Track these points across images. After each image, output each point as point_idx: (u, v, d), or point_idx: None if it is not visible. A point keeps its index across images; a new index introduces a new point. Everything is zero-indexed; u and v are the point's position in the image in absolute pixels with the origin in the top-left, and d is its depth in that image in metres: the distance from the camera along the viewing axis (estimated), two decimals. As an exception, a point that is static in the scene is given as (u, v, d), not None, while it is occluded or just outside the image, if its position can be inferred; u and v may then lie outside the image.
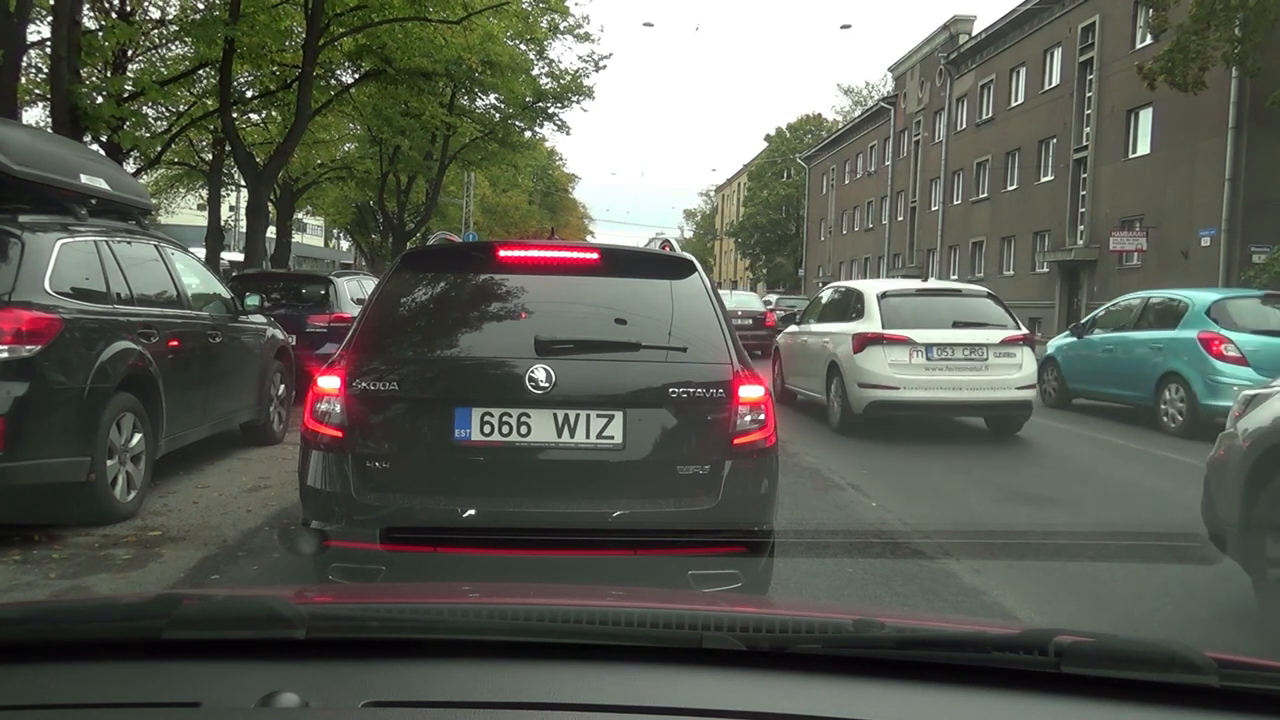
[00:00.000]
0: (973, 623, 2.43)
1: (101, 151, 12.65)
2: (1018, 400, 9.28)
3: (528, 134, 27.91)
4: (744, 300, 23.93)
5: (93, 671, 1.22)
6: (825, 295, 11.87)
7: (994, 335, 9.25)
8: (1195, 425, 9.35)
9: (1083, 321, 13.11)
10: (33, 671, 1.22)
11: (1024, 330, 9.66)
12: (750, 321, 19.98)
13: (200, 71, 18.59)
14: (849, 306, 10.25)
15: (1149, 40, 22.30)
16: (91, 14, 15.89)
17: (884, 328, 9.22)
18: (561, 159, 59.32)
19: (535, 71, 23.54)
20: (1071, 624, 3.77)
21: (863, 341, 9.26)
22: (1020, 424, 9.67)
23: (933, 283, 12.57)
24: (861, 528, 5.68)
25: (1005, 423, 9.72)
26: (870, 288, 10.17)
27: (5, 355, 4.60)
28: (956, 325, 9.32)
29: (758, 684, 1.20)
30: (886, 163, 44.70)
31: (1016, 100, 32.03)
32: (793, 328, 12.33)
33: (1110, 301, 13.19)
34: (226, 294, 7.52)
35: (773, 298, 35.82)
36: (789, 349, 11.97)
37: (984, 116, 34.34)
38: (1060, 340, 13.04)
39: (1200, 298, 10.63)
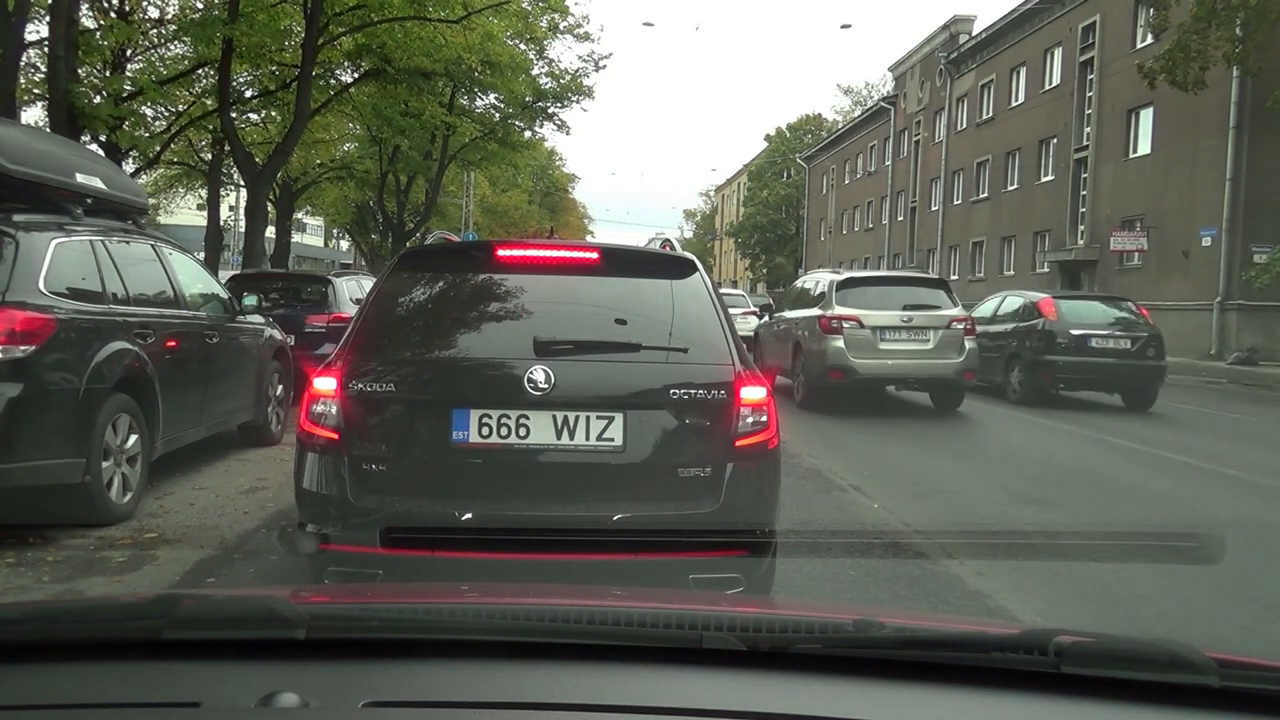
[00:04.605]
0: (973, 623, 2.42)
1: (99, 151, 12.64)
2: (747, 336, 17.66)
3: (527, 134, 27.90)
4: None
5: (93, 671, 1.22)
6: None
7: (740, 309, 20.10)
8: None
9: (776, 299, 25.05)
10: (33, 671, 1.22)
11: (755, 308, 20.90)
12: None
13: (199, 71, 18.59)
14: None
15: (1149, 40, 22.33)
16: (90, 13, 15.91)
17: None
18: (561, 159, 59.26)
19: (535, 71, 23.54)
20: (1075, 627, 3.77)
21: None
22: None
23: (723, 289, 25.88)
24: (863, 529, 5.67)
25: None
26: None
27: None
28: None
29: (758, 684, 1.20)
30: (886, 163, 44.68)
31: (1017, 100, 32.03)
32: None
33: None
34: (224, 294, 7.50)
35: None
36: None
37: (984, 116, 34.34)
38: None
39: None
